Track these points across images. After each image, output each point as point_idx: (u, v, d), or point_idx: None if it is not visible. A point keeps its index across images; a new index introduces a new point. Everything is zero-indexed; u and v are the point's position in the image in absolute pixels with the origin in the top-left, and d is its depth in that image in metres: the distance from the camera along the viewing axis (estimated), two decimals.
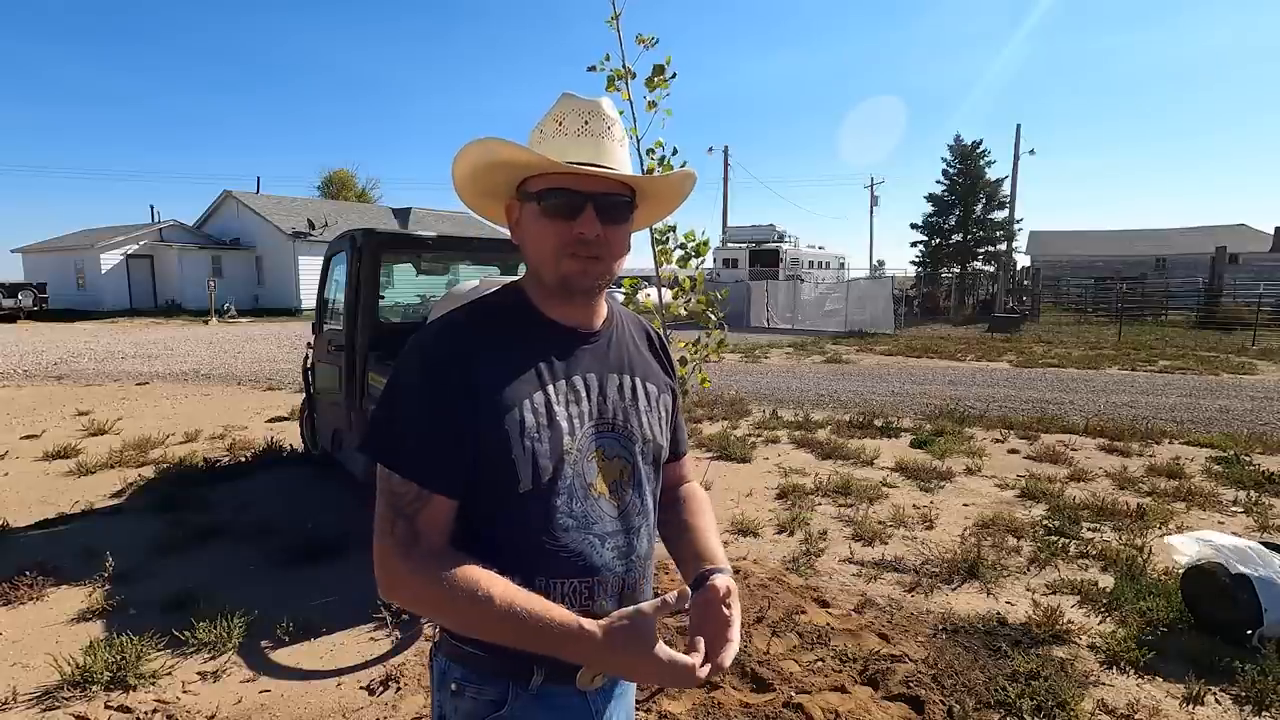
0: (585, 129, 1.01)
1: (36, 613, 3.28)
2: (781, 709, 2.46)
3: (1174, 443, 6.76)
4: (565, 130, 1.02)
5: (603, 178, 1.00)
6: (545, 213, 1.00)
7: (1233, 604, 2.94)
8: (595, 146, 1.01)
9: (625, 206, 1.04)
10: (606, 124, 1.03)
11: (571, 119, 1.02)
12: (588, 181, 0.99)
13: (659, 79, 2.76)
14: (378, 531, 0.95)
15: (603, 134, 1.02)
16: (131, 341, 16.65)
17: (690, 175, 1.15)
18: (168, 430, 6.86)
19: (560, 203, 0.99)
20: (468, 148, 1.03)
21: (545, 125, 1.04)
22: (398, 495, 0.94)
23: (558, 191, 0.99)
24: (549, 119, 1.04)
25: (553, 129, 1.03)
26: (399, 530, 0.93)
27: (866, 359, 14.39)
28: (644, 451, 1.10)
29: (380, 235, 4.49)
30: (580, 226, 0.98)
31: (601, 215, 0.99)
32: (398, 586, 0.93)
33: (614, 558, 1.03)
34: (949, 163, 31.03)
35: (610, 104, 1.05)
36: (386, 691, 2.69)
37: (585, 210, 0.99)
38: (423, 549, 0.93)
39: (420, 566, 0.92)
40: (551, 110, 1.04)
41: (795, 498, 4.99)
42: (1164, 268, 32.00)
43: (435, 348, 1.00)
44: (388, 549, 0.93)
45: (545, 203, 1.00)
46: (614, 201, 1.02)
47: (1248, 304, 21.06)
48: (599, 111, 1.03)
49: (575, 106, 1.02)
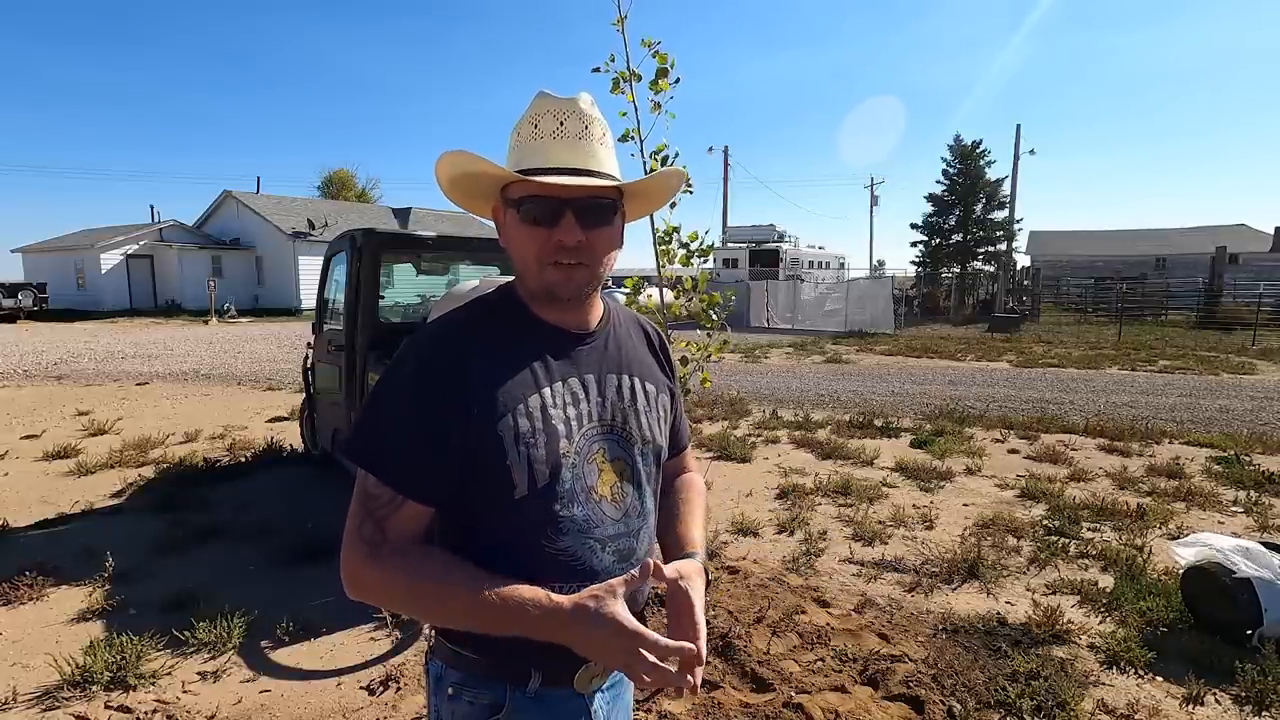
0: (561, 130, 0.98)
1: (36, 613, 3.28)
2: (781, 709, 2.46)
3: (1174, 443, 6.76)
4: (540, 134, 0.98)
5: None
6: (524, 220, 0.98)
7: (1233, 604, 2.94)
8: (573, 148, 0.98)
9: (608, 209, 1.00)
10: (584, 123, 0.99)
11: (547, 121, 0.98)
12: (563, 187, 0.95)
13: (663, 81, 2.77)
14: (347, 529, 0.94)
15: (580, 134, 0.99)
16: (131, 341, 16.65)
17: (677, 173, 1.13)
18: (168, 430, 6.86)
19: (539, 210, 0.96)
20: (440, 161, 1.00)
21: (521, 128, 1.00)
22: (372, 497, 0.93)
23: (535, 199, 0.96)
24: (524, 121, 1.00)
25: (529, 132, 0.99)
26: (366, 530, 0.92)
27: (866, 359, 14.39)
28: (644, 453, 1.08)
29: (380, 235, 4.50)
30: (560, 234, 0.96)
31: (582, 220, 0.96)
32: (360, 583, 0.92)
33: (614, 561, 1.01)
34: (949, 163, 31.01)
35: (590, 101, 1.01)
36: (386, 691, 2.68)
37: (564, 217, 0.96)
38: (388, 550, 0.92)
39: (384, 562, 0.91)
40: (527, 112, 1.00)
41: (795, 498, 4.99)
42: (1164, 268, 32.01)
43: (427, 351, 0.98)
44: (351, 547, 0.93)
45: (524, 210, 0.97)
46: (595, 205, 0.98)
47: (1248, 304, 21.06)
48: (575, 111, 0.99)
49: (550, 107, 0.99)
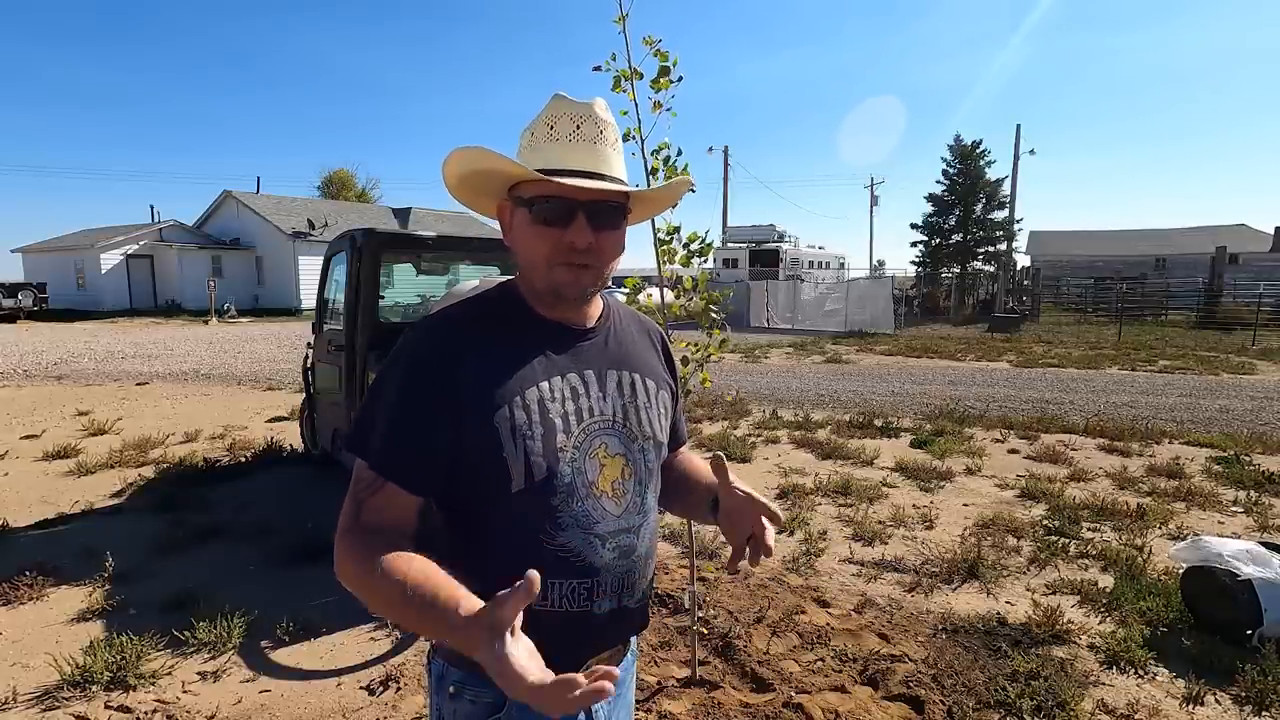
0: (578, 134, 0.99)
1: (36, 613, 3.28)
2: (781, 709, 2.46)
3: (1174, 443, 6.76)
4: (556, 135, 0.99)
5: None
6: (536, 220, 0.98)
7: (1233, 604, 2.94)
8: (588, 152, 0.99)
9: (618, 212, 1.02)
10: (599, 128, 1.00)
11: (563, 124, 0.99)
12: (580, 190, 0.96)
13: (664, 80, 2.77)
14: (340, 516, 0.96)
15: (595, 139, 1.00)
16: (131, 341, 16.65)
17: (686, 181, 1.16)
18: (168, 430, 6.86)
19: (552, 211, 0.97)
20: (453, 155, 1.00)
21: (536, 129, 1.01)
22: (357, 480, 0.95)
23: (549, 199, 0.97)
24: (540, 122, 1.01)
25: (544, 133, 1.00)
26: (347, 512, 0.94)
27: (866, 359, 14.38)
28: (644, 449, 1.08)
29: (380, 235, 4.50)
30: (572, 235, 0.97)
31: (593, 222, 0.98)
32: (337, 565, 0.92)
33: (615, 558, 1.01)
34: (949, 163, 30.99)
35: (604, 106, 1.02)
36: (386, 691, 2.69)
37: (577, 218, 0.97)
38: (358, 530, 0.91)
39: (347, 541, 0.91)
40: (543, 113, 1.01)
41: (795, 498, 4.99)
42: (1164, 268, 32.01)
43: (422, 345, 0.99)
44: (338, 530, 0.94)
45: (536, 210, 0.98)
46: (606, 208, 0.99)
47: (1248, 304, 21.05)
48: (592, 115, 1.00)
49: (568, 110, 1.00)
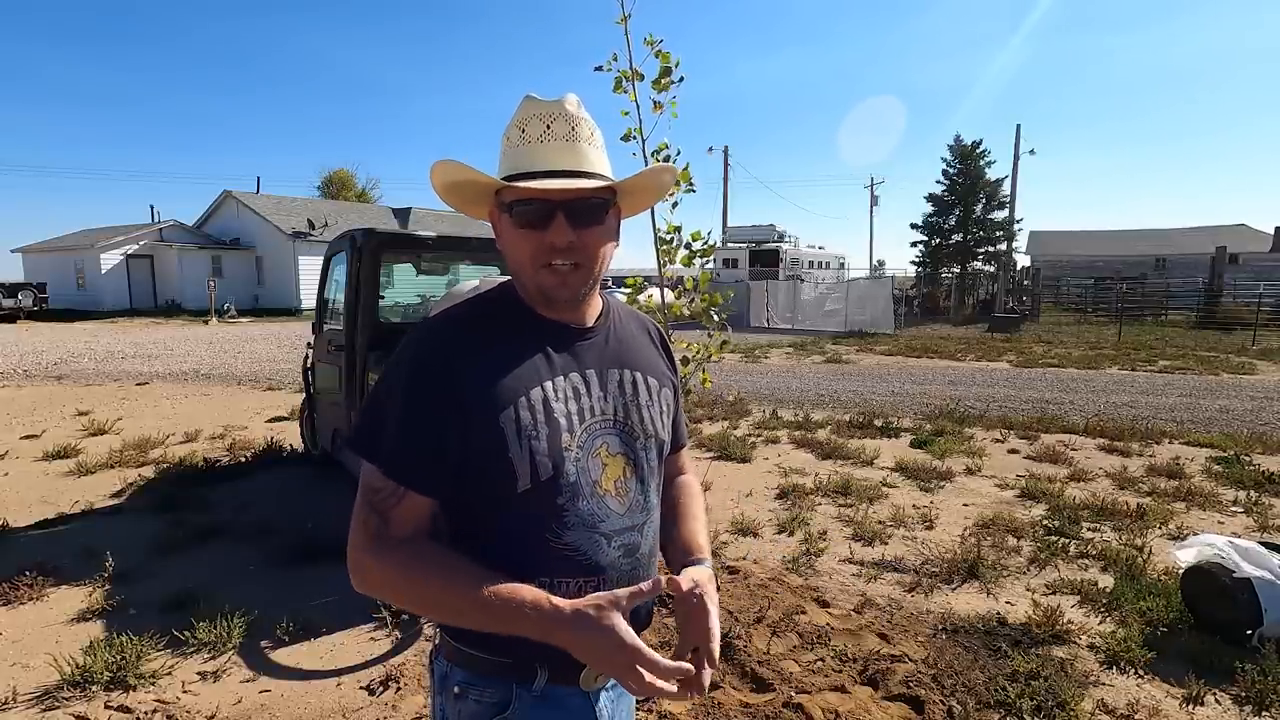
0: (549, 134, 0.99)
1: (36, 613, 3.28)
2: (781, 709, 2.46)
3: (1174, 443, 6.76)
4: (528, 138, 1.00)
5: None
6: (518, 224, 1.00)
7: (1233, 604, 2.93)
8: (561, 150, 0.99)
9: (600, 208, 1.01)
10: (570, 125, 1.00)
11: (534, 125, 1.00)
12: (551, 190, 0.96)
13: (665, 80, 2.77)
14: (352, 525, 0.96)
15: (567, 136, 1.00)
16: (131, 341, 16.65)
17: (667, 169, 1.15)
18: (168, 430, 6.86)
19: (530, 213, 0.98)
20: (433, 170, 1.03)
21: (510, 133, 1.02)
22: (375, 490, 0.95)
23: (526, 203, 0.98)
24: (513, 126, 1.02)
25: (517, 137, 1.01)
26: (372, 524, 0.94)
27: (866, 359, 14.39)
28: (646, 447, 1.08)
29: (380, 235, 4.49)
30: (551, 236, 0.97)
31: (573, 220, 0.98)
32: (363, 574, 0.94)
33: (620, 556, 1.02)
34: (949, 163, 31.01)
35: (575, 102, 1.02)
36: (386, 691, 2.69)
37: (556, 218, 0.97)
38: (391, 541, 0.93)
39: (388, 555, 0.93)
40: (514, 117, 1.02)
41: (795, 498, 4.99)
42: (1164, 268, 32.02)
43: (425, 347, 0.99)
44: (355, 538, 0.95)
45: (516, 214, 0.99)
46: (587, 205, 1.00)
47: (1248, 304, 21.07)
48: (562, 114, 1.00)
49: (537, 110, 1.00)
